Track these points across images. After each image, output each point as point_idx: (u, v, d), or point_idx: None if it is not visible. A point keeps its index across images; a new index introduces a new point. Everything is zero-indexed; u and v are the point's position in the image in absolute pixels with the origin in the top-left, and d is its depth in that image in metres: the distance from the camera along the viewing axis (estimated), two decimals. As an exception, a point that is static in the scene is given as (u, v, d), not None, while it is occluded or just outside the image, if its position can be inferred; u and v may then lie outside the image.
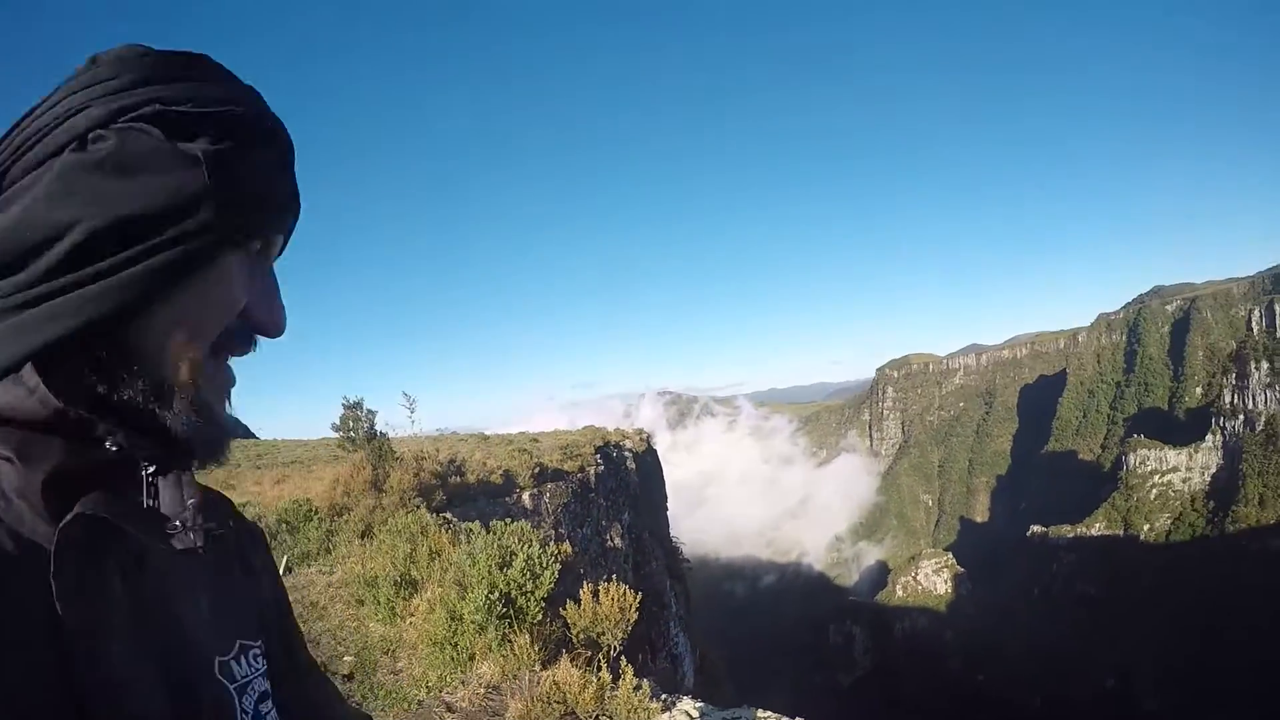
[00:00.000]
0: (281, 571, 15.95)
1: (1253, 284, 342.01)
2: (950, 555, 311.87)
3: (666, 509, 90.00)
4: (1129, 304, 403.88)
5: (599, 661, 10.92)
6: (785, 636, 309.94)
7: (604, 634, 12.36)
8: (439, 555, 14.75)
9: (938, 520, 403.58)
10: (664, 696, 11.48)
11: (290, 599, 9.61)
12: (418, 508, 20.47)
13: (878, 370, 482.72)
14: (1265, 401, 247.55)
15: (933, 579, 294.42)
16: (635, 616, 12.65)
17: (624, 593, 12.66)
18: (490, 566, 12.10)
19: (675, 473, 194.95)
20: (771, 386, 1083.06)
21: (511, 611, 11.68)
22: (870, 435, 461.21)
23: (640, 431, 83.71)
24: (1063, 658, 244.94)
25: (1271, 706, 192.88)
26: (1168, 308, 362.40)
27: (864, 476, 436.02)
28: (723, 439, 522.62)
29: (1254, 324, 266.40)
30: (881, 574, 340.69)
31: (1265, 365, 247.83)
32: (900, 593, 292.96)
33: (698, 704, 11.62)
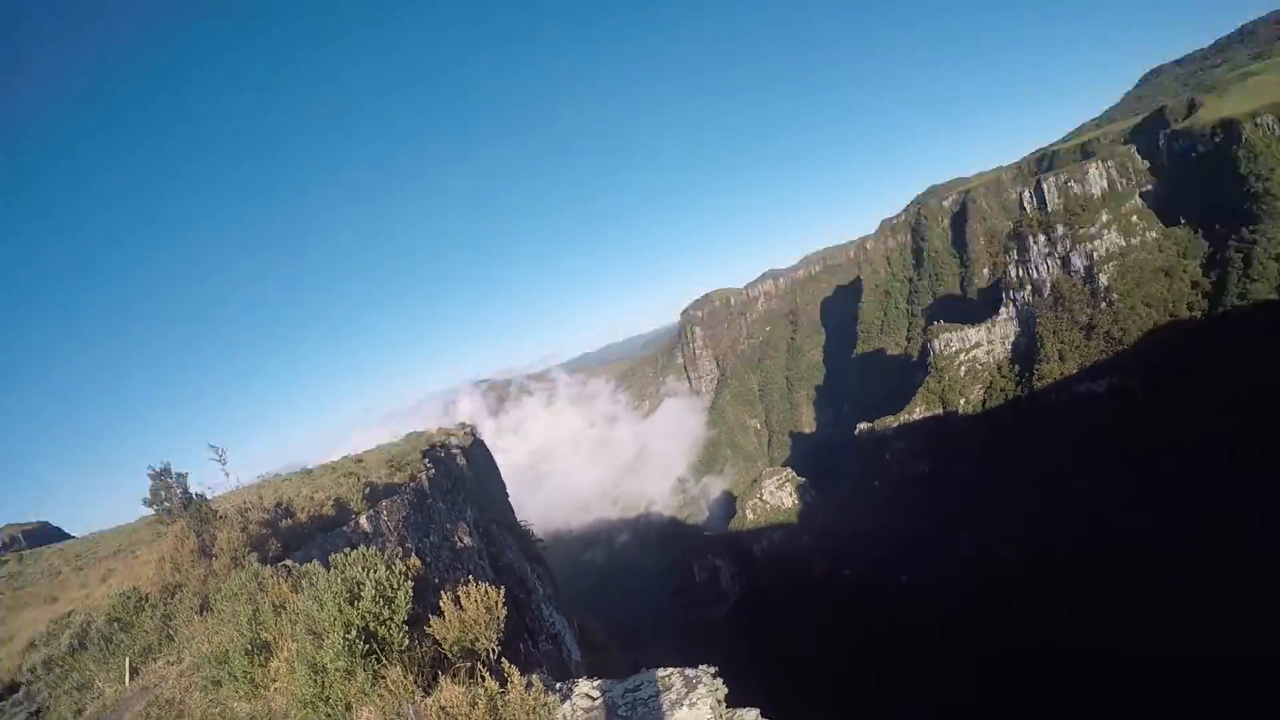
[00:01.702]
0: (126, 679, 18.40)
1: (1019, 168, 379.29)
2: (789, 470, 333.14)
3: (508, 495, 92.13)
4: (908, 205, 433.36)
5: (480, 671, 11.71)
6: (654, 587, 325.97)
7: (478, 640, 12.73)
8: (284, 608, 14.44)
9: (769, 440, 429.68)
10: (559, 686, 12.51)
11: (143, 703, 15.78)
12: (251, 564, 20.20)
13: (682, 313, 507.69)
14: (1048, 269, 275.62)
15: (778, 495, 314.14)
16: (504, 613, 13.06)
17: (486, 592, 12.96)
18: (339, 604, 12.14)
19: (508, 458, 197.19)
20: (584, 352, 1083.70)
21: (375, 645, 11.85)
22: (688, 376, 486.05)
23: (463, 426, 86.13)
24: (915, 534, 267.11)
25: (1099, 527, 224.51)
26: (944, 203, 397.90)
27: (691, 416, 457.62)
28: (546, 414, 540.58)
29: (1026, 204, 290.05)
30: (729, 504, 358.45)
31: (1042, 238, 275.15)
32: (751, 516, 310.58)
33: (595, 683, 12.62)
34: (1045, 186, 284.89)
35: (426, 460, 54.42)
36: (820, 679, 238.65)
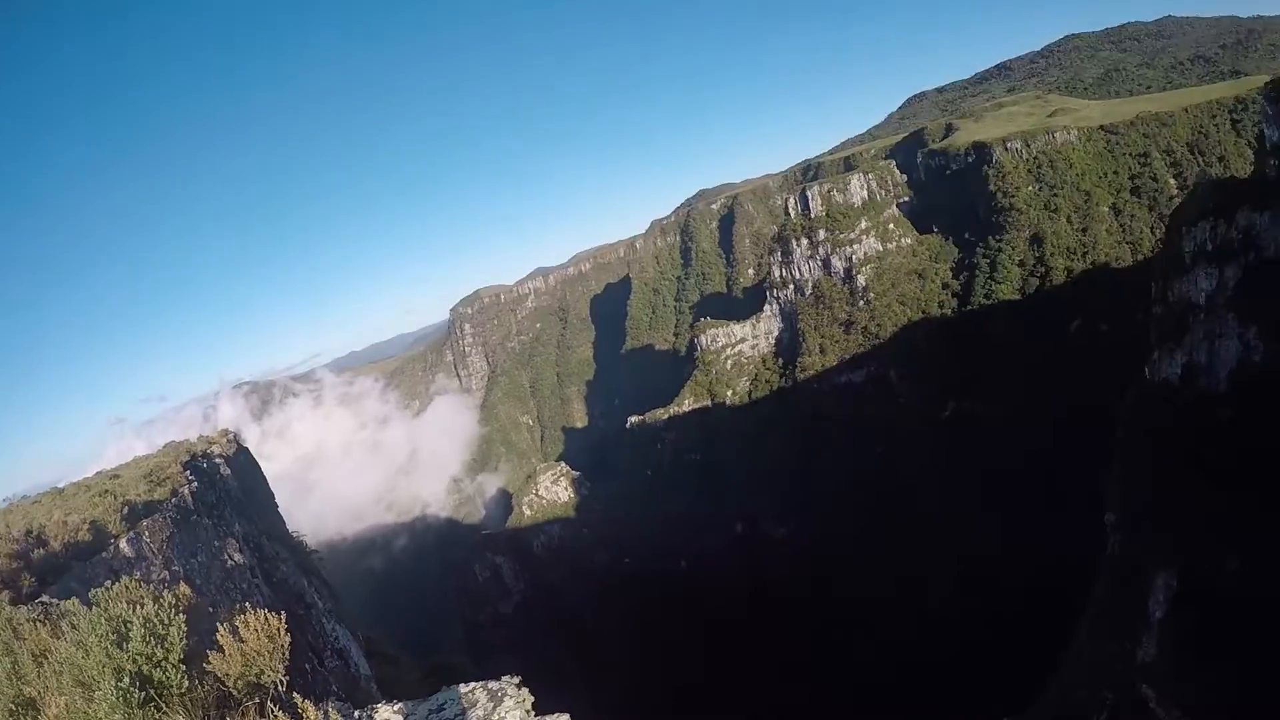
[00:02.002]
0: None
1: (786, 177, 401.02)
2: (563, 464, 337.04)
3: (277, 506, 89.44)
4: (679, 207, 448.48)
5: (271, 709, 10.74)
6: (437, 590, 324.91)
7: (263, 672, 11.46)
8: (46, 657, 12.43)
9: (542, 436, 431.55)
10: (357, 715, 11.83)
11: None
12: (3, 606, 16.21)
13: (452, 310, 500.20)
14: (810, 270, 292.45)
15: (554, 490, 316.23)
16: (288, 639, 11.83)
17: (266, 619, 11.74)
18: (106, 648, 10.80)
19: (275, 465, 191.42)
20: (350, 350, 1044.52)
21: (152, 691, 10.49)
22: (458, 374, 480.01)
23: (225, 432, 79.08)
24: (691, 520, 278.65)
25: (858, 497, 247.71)
26: (713, 206, 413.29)
27: (462, 414, 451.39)
28: (313, 416, 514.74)
29: (791, 210, 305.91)
30: (506, 501, 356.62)
31: (805, 241, 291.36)
32: (528, 512, 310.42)
33: (395, 706, 12.09)
34: (810, 194, 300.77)
35: (188, 472, 49.41)
36: (616, 667, 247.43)
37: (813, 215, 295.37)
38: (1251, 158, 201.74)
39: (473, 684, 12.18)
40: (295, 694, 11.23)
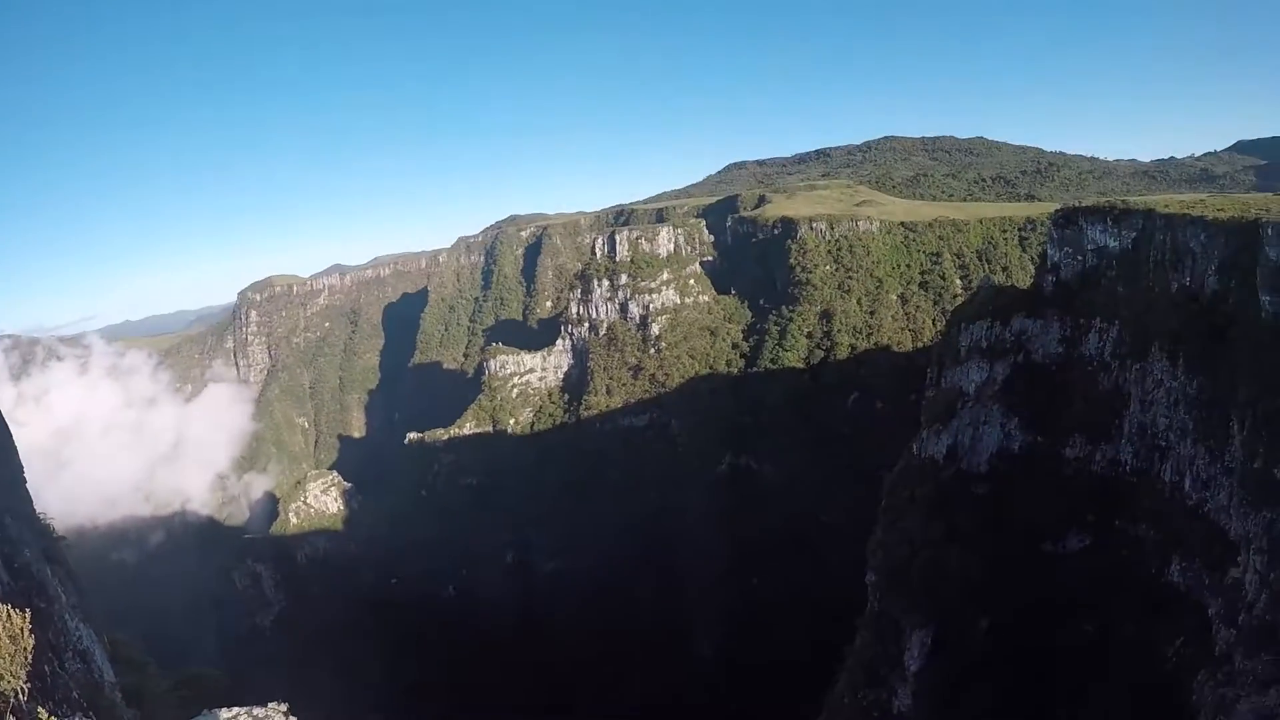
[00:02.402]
0: None
1: (598, 218, 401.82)
2: (335, 474, 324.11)
3: (25, 481, 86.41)
4: (488, 228, 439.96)
5: None
6: (193, 593, 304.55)
7: (1, 677, 10.12)
8: None
9: (316, 441, 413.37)
10: None
11: None
12: None
13: (240, 294, 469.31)
14: (606, 311, 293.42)
15: (323, 500, 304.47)
16: (31, 641, 10.68)
17: (9, 615, 10.53)
18: None
19: (27, 434, 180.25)
20: (125, 319, 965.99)
21: None
22: (236, 362, 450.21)
23: None
24: (463, 545, 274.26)
25: (631, 538, 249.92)
26: (523, 233, 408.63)
27: (236, 406, 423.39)
28: (76, 386, 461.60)
29: (598, 250, 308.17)
30: (273, 505, 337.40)
31: (606, 282, 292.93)
32: (294, 520, 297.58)
33: None
34: (618, 238, 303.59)
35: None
36: (377, 691, 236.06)
37: (618, 259, 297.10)
38: (1032, 272, 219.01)
39: (236, 709, 12.04)
40: (40, 708, 10.16)
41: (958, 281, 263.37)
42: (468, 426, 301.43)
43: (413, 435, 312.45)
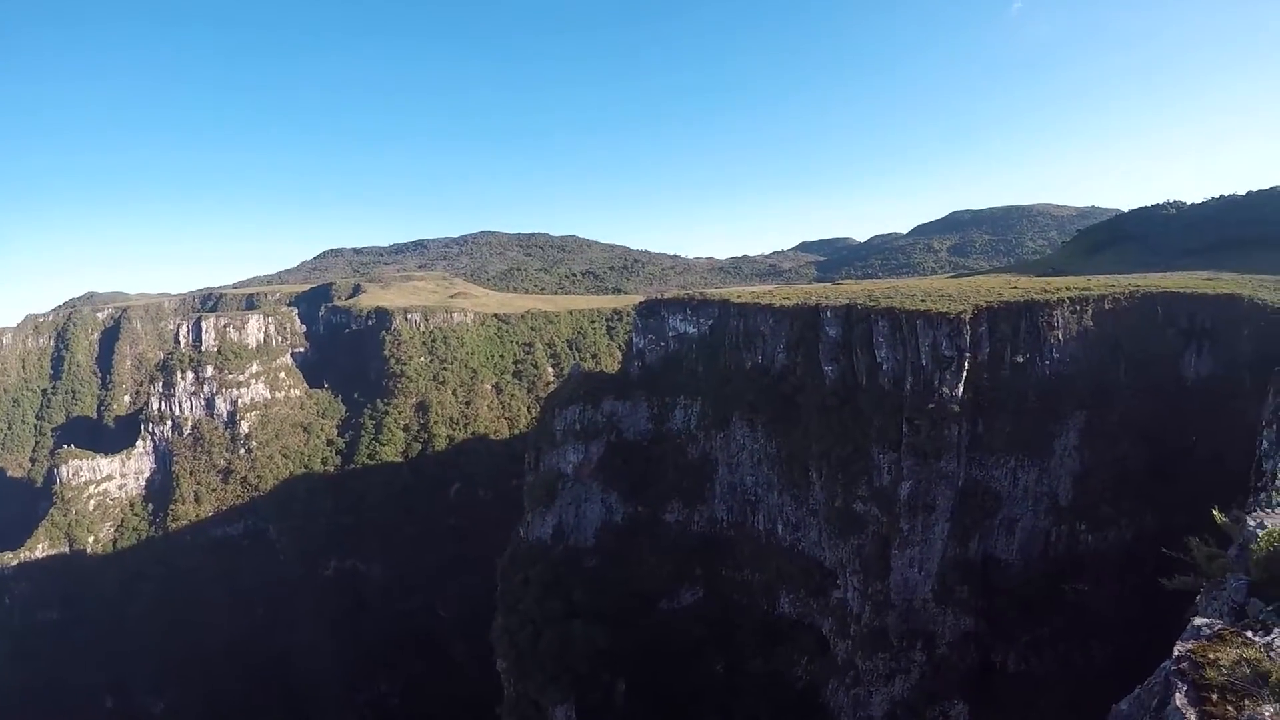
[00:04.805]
0: None
1: (184, 300, 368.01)
2: None
3: None
4: (61, 307, 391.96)
5: None
6: None
7: None
8: None
9: None
10: None
11: None
12: None
13: None
14: (191, 408, 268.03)
15: None
16: None
17: None
18: None
19: None
20: None
21: None
22: None
23: None
24: (53, 693, 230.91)
25: (242, 659, 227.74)
26: (99, 314, 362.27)
27: None
28: None
29: (182, 337, 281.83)
30: None
31: (191, 375, 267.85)
32: None
33: None
34: (204, 325, 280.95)
35: None
36: None
37: (204, 349, 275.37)
38: (619, 358, 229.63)
39: None
40: None
41: (550, 369, 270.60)
42: (40, 548, 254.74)
43: None
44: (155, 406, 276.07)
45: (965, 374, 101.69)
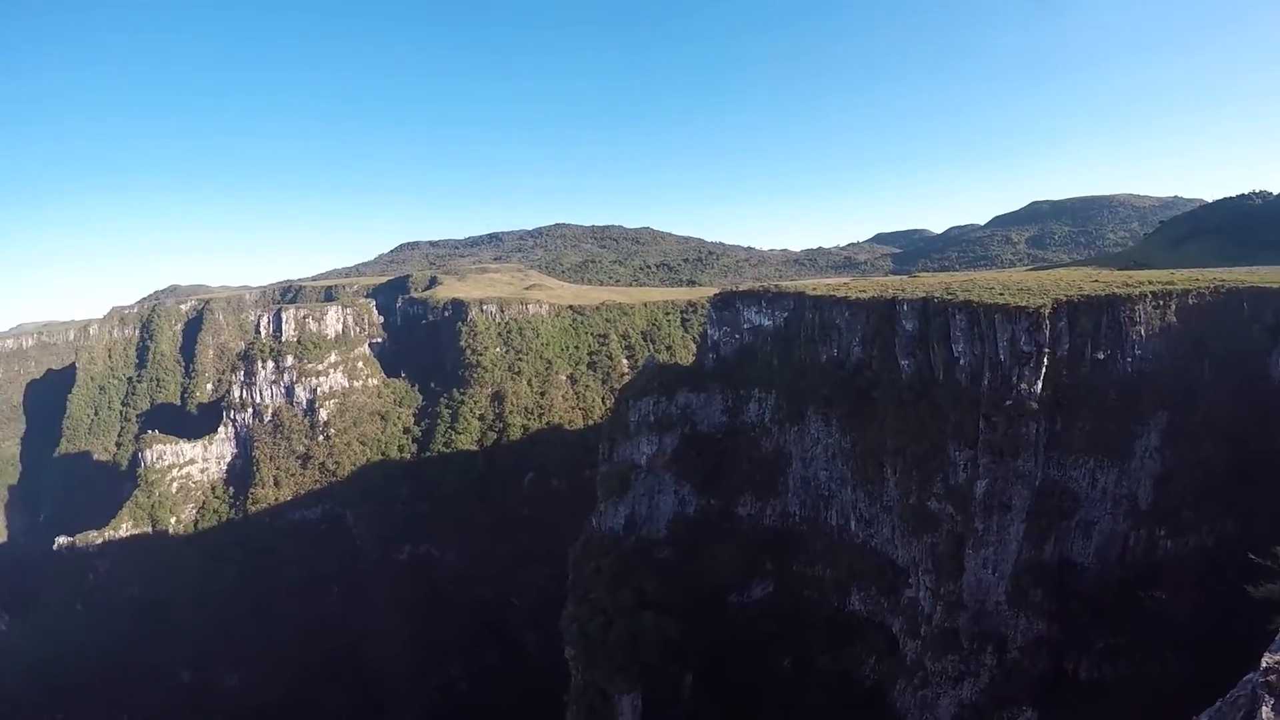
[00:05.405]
0: None
1: (264, 293, 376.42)
2: None
3: None
4: (145, 299, 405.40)
5: None
6: None
7: None
8: None
9: None
10: None
11: None
12: None
13: None
14: (271, 396, 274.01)
15: None
16: None
17: None
18: None
19: None
20: None
21: None
22: None
23: None
24: (133, 665, 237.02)
25: (316, 640, 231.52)
26: (183, 306, 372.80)
27: None
28: None
29: (263, 328, 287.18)
30: None
31: (271, 364, 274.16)
32: None
33: None
34: (285, 316, 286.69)
35: None
36: None
37: (284, 339, 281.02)
38: (694, 350, 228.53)
39: None
40: None
41: (624, 361, 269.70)
42: (124, 527, 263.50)
43: (62, 539, 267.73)
44: (237, 394, 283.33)
45: (1044, 370, 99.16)
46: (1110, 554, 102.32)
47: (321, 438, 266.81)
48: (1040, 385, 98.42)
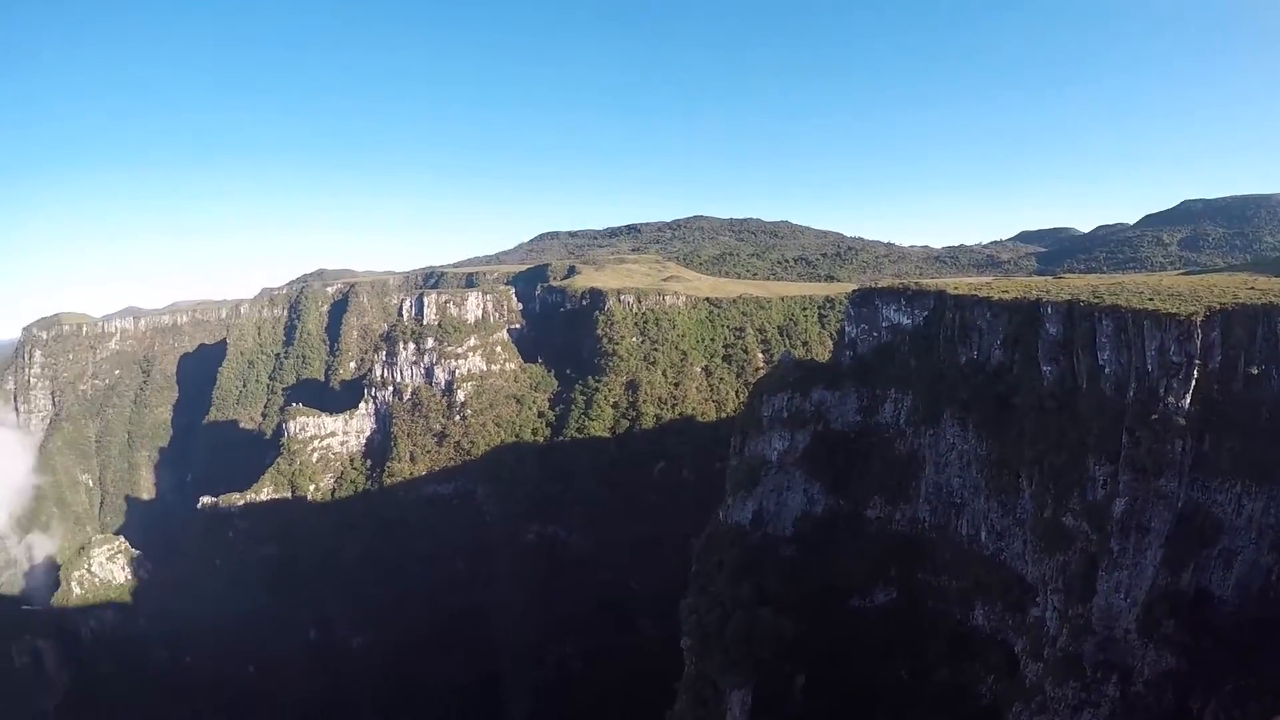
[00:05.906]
0: None
1: (406, 278, 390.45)
2: (122, 539, 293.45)
3: None
4: (294, 281, 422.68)
5: None
6: None
7: None
8: None
9: (102, 502, 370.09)
10: None
11: None
12: None
13: (24, 330, 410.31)
14: (411, 376, 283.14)
15: (109, 568, 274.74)
16: None
17: None
18: None
19: None
20: None
21: None
22: (17, 407, 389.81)
23: None
24: (262, 620, 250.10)
25: (438, 610, 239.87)
26: (329, 289, 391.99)
27: (18, 456, 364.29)
28: None
29: (405, 311, 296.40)
30: (52, 571, 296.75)
31: (413, 345, 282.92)
32: (78, 590, 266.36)
33: None
34: (426, 301, 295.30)
35: None
36: None
37: (425, 322, 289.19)
38: (830, 347, 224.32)
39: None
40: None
41: (759, 355, 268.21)
42: (265, 491, 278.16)
43: (206, 499, 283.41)
44: (378, 373, 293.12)
45: (1194, 383, 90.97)
46: (1251, 588, 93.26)
47: (458, 418, 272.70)
48: (1189, 400, 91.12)
